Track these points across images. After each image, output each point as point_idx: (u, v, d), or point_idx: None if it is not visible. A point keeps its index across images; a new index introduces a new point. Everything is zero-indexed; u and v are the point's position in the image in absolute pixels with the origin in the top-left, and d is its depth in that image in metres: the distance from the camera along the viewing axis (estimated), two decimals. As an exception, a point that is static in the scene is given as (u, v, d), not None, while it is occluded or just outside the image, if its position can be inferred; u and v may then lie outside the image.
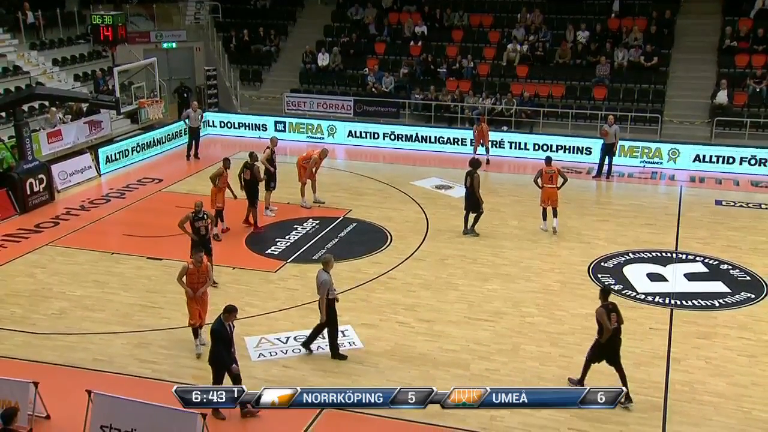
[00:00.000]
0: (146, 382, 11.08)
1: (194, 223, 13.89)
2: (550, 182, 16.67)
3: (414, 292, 14.16)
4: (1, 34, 25.79)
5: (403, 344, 12.26)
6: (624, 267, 15.21)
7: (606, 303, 10.70)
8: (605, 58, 25.48)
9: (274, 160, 17.84)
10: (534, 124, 24.86)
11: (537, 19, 27.57)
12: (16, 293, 14.16)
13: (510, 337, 12.49)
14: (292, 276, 14.83)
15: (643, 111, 24.33)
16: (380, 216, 18.01)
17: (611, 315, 10.58)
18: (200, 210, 14.00)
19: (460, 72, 26.80)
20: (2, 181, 18.35)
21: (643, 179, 21.32)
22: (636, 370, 11.43)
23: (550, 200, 16.77)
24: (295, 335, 12.47)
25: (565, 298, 13.89)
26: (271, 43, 29.73)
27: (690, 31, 26.43)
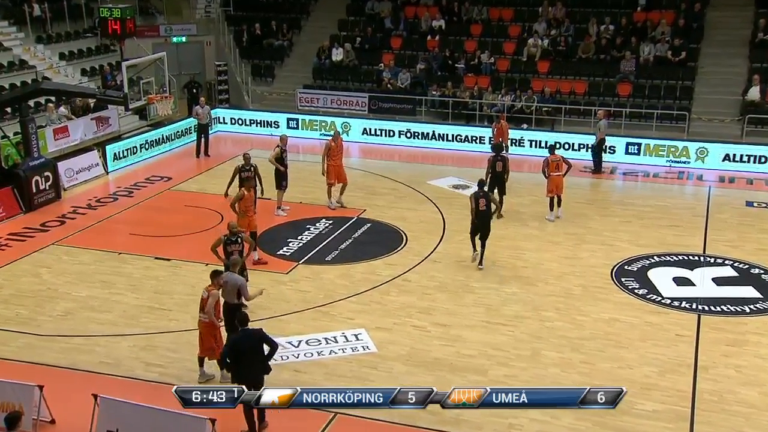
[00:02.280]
0: (154, 386, 11.13)
1: (227, 246, 12.87)
2: (557, 170, 17.27)
3: (430, 294, 14.15)
4: (7, 27, 26.04)
5: (419, 349, 12.26)
6: (649, 270, 15.12)
7: (478, 191, 14.80)
8: (630, 53, 25.33)
9: (285, 159, 17.84)
10: (555, 121, 24.77)
11: (559, 12, 27.47)
12: (21, 294, 14.28)
13: (529, 343, 12.46)
14: (305, 278, 14.86)
15: (669, 108, 24.17)
16: (395, 216, 18.02)
17: (480, 200, 14.54)
18: (235, 232, 12.93)
19: (479, 68, 26.75)
20: (7, 179, 18.47)
21: (670, 179, 21.19)
22: (661, 378, 11.38)
23: (557, 189, 17.34)
24: (307, 339, 12.50)
25: (587, 302, 13.83)
26: (284, 38, 29.81)
27: (720, 24, 26.22)
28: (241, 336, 9.86)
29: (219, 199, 17.25)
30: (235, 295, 11.33)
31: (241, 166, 16.72)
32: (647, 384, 11.26)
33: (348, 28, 29.67)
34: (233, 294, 11.32)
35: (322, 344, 12.38)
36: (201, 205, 18.63)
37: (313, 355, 12.06)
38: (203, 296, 11.03)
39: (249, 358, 9.70)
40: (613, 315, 13.35)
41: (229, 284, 11.23)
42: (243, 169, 16.58)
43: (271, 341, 9.88)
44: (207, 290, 11.00)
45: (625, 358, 11.97)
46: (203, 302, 11.01)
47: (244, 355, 9.69)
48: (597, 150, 21.24)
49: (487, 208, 14.77)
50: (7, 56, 24.71)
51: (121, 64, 21.56)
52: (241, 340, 9.81)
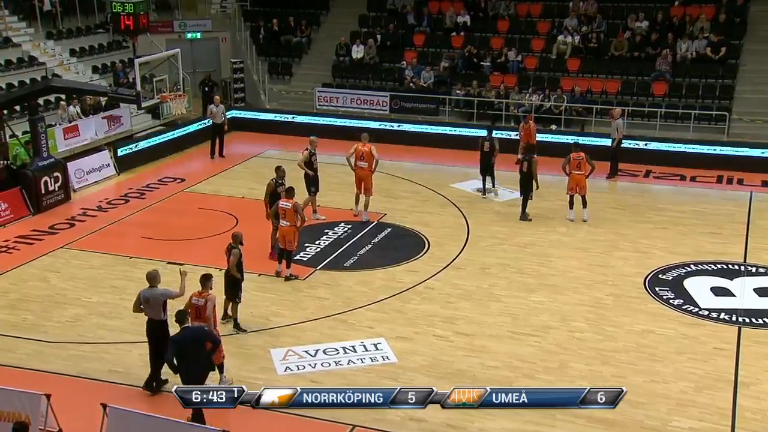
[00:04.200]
0: (164, 396, 11.12)
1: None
2: (578, 169, 17.55)
3: (453, 303, 14.10)
4: (16, 23, 26.32)
5: (441, 359, 12.21)
6: (685, 280, 14.97)
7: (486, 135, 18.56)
8: (667, 50, 25.14)
9: (314, 163, 17.48)
10: (585, 122, 24.63)
11: (591, 7, 27.34)
12: (28, 299, 14.41)
13: (557, 354, 12.37)
14: (322, 284, 14.87)
15: (708, 108, 23.96)
16: (417, 221, 17.98)
17: (484, 143, 18.00)
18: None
19: (506, 66, 26.68)
20: (16, 179, 18.66)
21: (707, 183, 20.98)
22: (699, 394, 11.25)
23: (578, 187, 17.60)
24: (324, 348, 12.50)
25: (619, 313, 13.72)
26: (302, 34, 29.93)
27: (765, 19, 25.94)
28: (182, 335, 10.15)
29: (234, 201, 17.31)
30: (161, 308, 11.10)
31: (275, 180, 15.77)
32: (683, 400, 11.14)
33: (369, 24, 29.72)
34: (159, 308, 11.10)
35: (340, 354, 12.38)
36: (215, 208, 18.72)
37: (331, 365, 12.05)
38: (197, 304, 11.09)
39: (192, 356, 10.03)
40: (647, 326, 13.22)
41: (151, 301, 11.08)
42: (278, 183, 15.66)
43: (213, 337, 10.42)
44: (201, 296, 11.11)
45: (659, 373, 11.84)
46: (199, 310, 11.06)
47: (186, 353, 10.02)
48: (615, 152, 21.02)
49: (490, 150, 18.93)
50: (16, 52, 24.97)
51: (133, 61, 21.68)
52: (182, 338, 10.11)
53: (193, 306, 11.11)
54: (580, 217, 17.76)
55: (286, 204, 14.56)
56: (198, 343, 10.15)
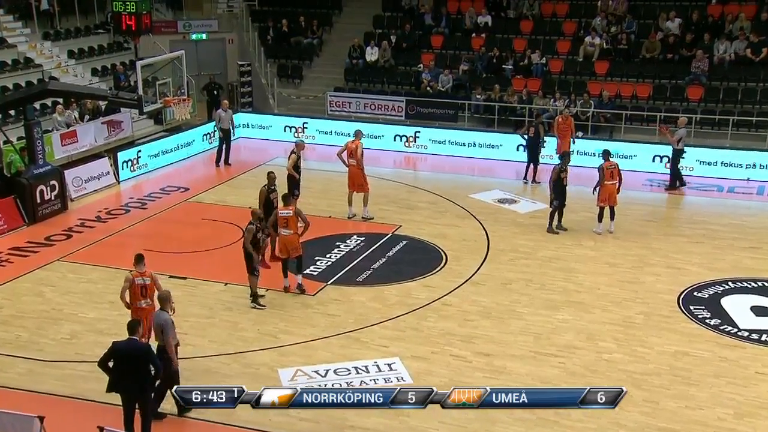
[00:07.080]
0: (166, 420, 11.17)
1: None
2: (611, 178, 17.48)
3: (471, 321, 14.09)
4: (12, 22, 26.55)
5: (458, 380, 12.16)
6: (722, 298, 14.90)
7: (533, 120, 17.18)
8: (702, 52, 25.09)
9: (299, 167, 18.26)
10: (614, 129, 24.60)
11: (621, 6, 27.35)
12: (22, 314, 14.48)
13: (583, 376, 12.31)
14: (333, 300, 14.90)
15: (748, 114, 23.87)
16: (434, 233, 18.00)
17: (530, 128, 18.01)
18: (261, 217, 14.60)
19: (529, 69, 26.71)
20: (10, 188, 18.75)
21: (747, 194, 20.88)
22: (738, 421, 11.15)
23: (610, 199, 17.54)
24: (335, 368, 12.50)
25: (650, 333, 13.65)
26: (314, 35, 30.09)
27: (808, 18, 25.89)
28: (124, 343, 10.23)
29: (239, 211, 17.39)
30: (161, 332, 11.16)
31: (267, 187, 16.28)
32: (722, 428, 11.07)
33: (384, 24, 29.87)
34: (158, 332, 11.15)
35: (352, 374, 12.38)
36: (220, 219, 18.81)
37: (342, 385, 12.04)
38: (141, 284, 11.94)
39: (124, 368, 10.14)
40: (681, 348, 13.16)
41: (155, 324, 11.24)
42: (271, 189, 16.27)
43: (155, 362, 10.33)
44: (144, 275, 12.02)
45: (695, 397, 11.77)
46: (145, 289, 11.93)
47: (120, 363, 10.16)
48: (674, 162, 20.95)
49: (536, 135, 20.44)
50: (11, 53, 25.20)
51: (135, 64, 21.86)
52: (122, 347, 10.21)
53: (138, 286, 11.96)
54: (607, 230, 17.74)
55: (287, 212, 14.81)
56: (135, 361, 10.18)
